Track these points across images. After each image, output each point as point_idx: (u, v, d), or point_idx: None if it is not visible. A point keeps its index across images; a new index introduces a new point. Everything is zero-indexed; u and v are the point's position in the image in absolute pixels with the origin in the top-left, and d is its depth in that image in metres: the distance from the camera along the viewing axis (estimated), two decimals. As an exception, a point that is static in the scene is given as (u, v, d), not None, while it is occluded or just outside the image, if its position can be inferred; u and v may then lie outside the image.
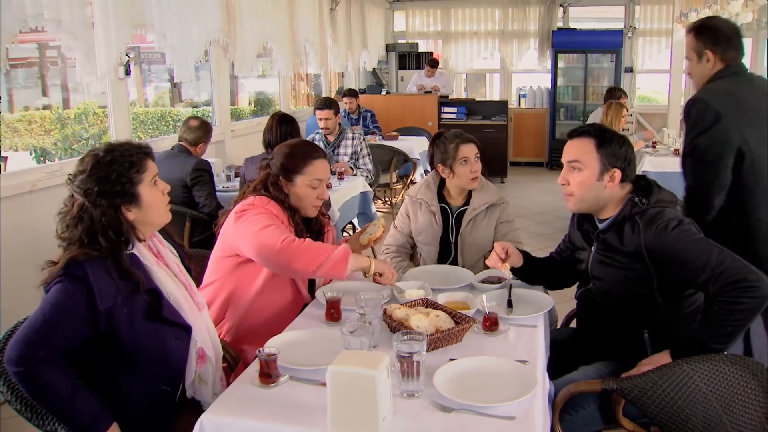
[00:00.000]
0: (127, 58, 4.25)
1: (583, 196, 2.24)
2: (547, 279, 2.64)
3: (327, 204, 4.42)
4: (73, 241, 1.86)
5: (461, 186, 3.05)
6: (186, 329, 2.01)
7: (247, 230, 2.39)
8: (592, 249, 2.32)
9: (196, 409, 2.00)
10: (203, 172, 4.19)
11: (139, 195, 1.93)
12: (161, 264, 2.04)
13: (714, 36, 2.71)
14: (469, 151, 2.99)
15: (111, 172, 1.88)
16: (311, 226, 2.71)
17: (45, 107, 12.66)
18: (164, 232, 2.13)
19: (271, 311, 2.51)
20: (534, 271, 2.60)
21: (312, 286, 2.67)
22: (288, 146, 2.65)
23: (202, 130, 4.37)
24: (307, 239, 2.38)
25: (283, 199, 2.56)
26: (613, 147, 2.20)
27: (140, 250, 1.97)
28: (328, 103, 5.52)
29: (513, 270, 2.54)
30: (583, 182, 2.22)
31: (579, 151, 2.23)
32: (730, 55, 2.71)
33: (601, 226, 2.28)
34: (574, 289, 2.54)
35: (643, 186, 2.23)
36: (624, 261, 2.18)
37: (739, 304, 1.94)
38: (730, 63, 2.70)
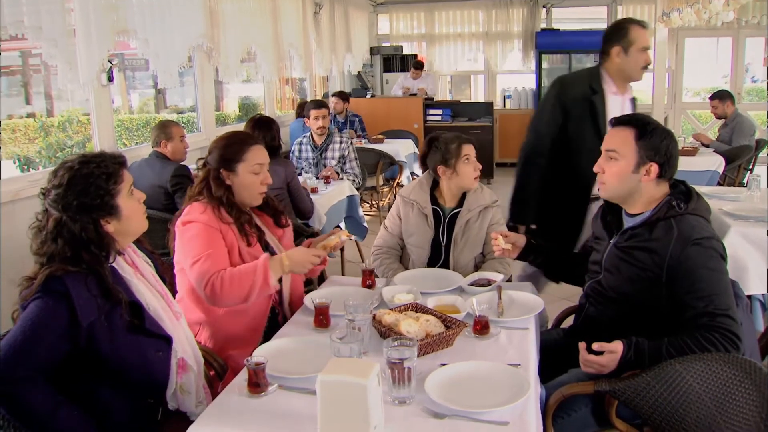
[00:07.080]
0: (110, 64, 4.20)
1: (617, 187, 2.21)
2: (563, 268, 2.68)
3: (311, 209, 4.42)
4: (52, 256, 1.81)
5: (462, 185, 3.03)
6: (167, 340, 1.98)
7: (184, 259, 2.41)
8: (611, 241, 2.30)
9: (183, 420, 1.97)
10: (183, 178, 4.15)
11: (118, 206, 1.90)
12: (139, 275, 2.01)
13: None
14: (470, 150, 3.00)
15: (89, 186, 1.84)
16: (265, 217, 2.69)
17: (29, 115, 12.56)
18: (136, 240, 2.09)
19: (245, 308, 2.46)
20: (554, 259, 2.65)
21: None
22: (223, 138, 2.61)
23: (158, 129, 4.32)
24: (228, 270, 2.36)
25: (228, 196, 2.50)
26: (654, 140, 2.14)
27: (119, 263, 1.94)
28: (322, 103, 5.64)
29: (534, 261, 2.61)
30: (618, 173, 2.18)
31: (617, 141, 2.19)
32: None
33: (630, 221, 2.24)
34: (564, 290, 2.53)
35: (683, 191, 2.21)
36: (643, 259, 2.13)
37: (712, 351, 1.93)
38: None
